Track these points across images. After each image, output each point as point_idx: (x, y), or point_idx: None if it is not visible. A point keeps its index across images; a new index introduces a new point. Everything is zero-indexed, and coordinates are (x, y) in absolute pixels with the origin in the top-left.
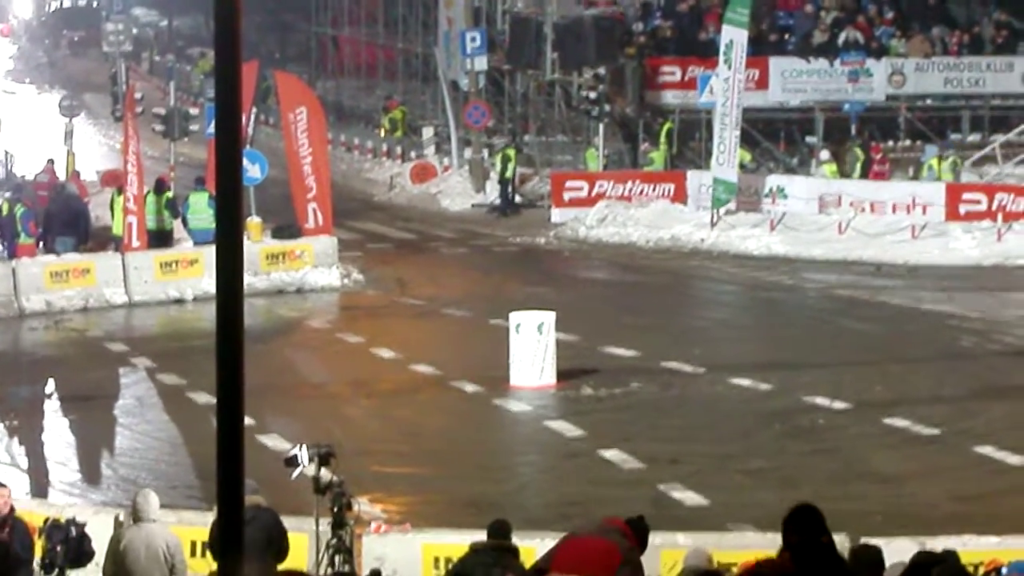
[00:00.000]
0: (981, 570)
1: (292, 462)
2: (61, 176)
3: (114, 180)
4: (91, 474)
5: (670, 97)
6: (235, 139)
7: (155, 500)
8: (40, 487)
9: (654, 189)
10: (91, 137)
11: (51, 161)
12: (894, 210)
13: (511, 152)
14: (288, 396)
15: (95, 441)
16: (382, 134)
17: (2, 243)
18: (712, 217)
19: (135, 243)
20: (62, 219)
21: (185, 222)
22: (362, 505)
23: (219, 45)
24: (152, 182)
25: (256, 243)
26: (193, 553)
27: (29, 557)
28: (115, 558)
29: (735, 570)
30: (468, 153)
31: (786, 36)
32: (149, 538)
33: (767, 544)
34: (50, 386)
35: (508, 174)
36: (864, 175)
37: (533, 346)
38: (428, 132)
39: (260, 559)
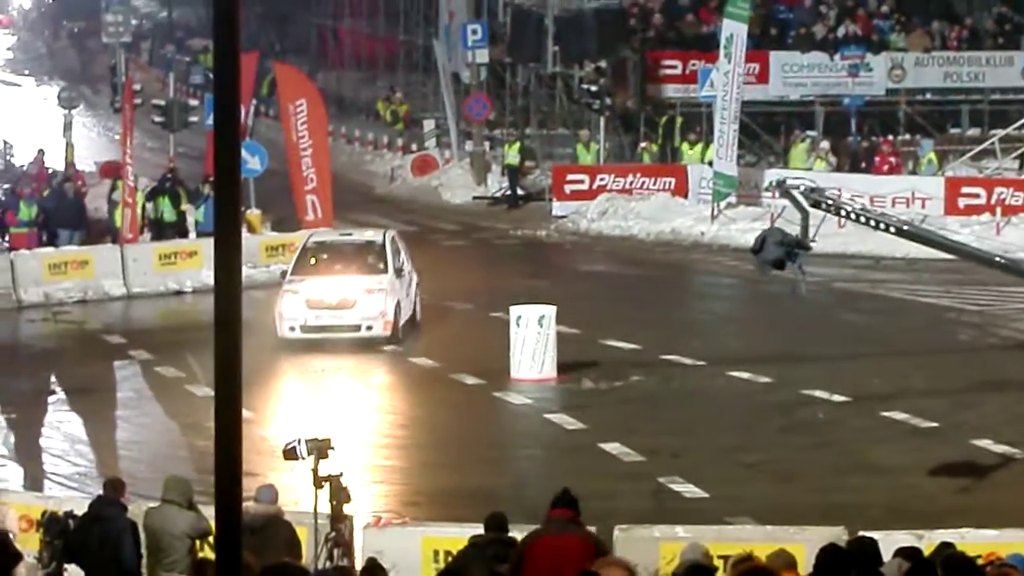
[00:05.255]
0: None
1: (291, 455)
2: (52, 167)
3: (112, 171)
4: (88, 467)
5: (671, 91)
6: (234, 131)
7: (174, 482)
8: (36, 480)
9: (655, 183)
10: (90, 128)
11: (41, 152)
12: (893, 204)
13: (526, 143)
14: (287, 389)
15: (93, 434)
16: (387, 115)
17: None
18: (712, 211)
19: (130, 235)
20: (65, 212)
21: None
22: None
23: (218, 36)
24: (150, 173)
25: (256, 235)
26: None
27: None
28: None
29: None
30: (469, 146)
31: (787, 31)
32: (162, 518)
33: (766, 537)
34: (48, 379)
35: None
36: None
37: (534, 339)
38: (429, 125)
39: None
